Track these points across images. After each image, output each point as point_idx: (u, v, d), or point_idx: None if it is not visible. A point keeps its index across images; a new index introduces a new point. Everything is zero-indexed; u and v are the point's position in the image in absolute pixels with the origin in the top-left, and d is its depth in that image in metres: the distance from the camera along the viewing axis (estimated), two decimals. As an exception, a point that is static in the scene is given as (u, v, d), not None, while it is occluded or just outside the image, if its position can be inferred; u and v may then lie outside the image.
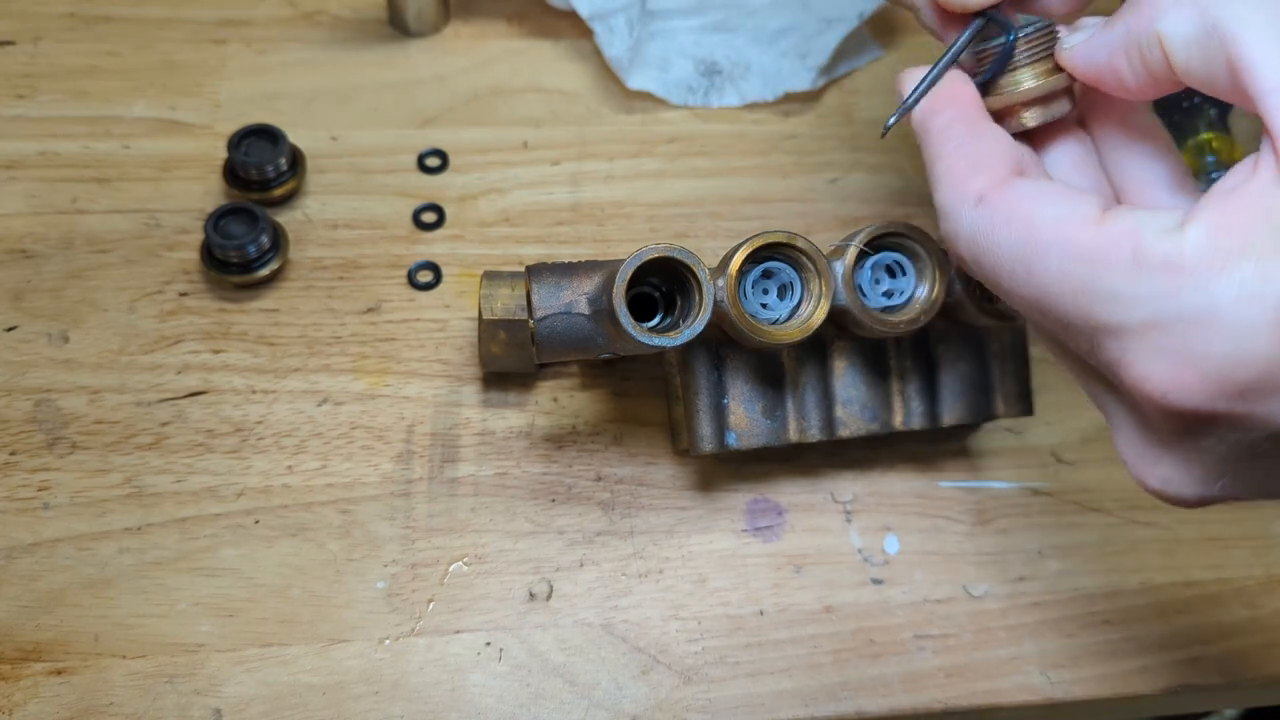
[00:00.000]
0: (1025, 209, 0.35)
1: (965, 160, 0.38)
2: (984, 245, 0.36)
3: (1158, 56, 0.36)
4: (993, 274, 0.36)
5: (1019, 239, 0.35)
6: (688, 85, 0.67)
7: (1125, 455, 0.37)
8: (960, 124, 0.40)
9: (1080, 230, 0.34)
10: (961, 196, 0.37)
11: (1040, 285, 0.35)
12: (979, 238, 0.37)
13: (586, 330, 0.48)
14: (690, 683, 0.50)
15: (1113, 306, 0.33)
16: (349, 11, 0.68)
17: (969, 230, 0.37)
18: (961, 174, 0.38)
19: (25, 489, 0.52)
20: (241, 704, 0.48)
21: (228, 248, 0.56)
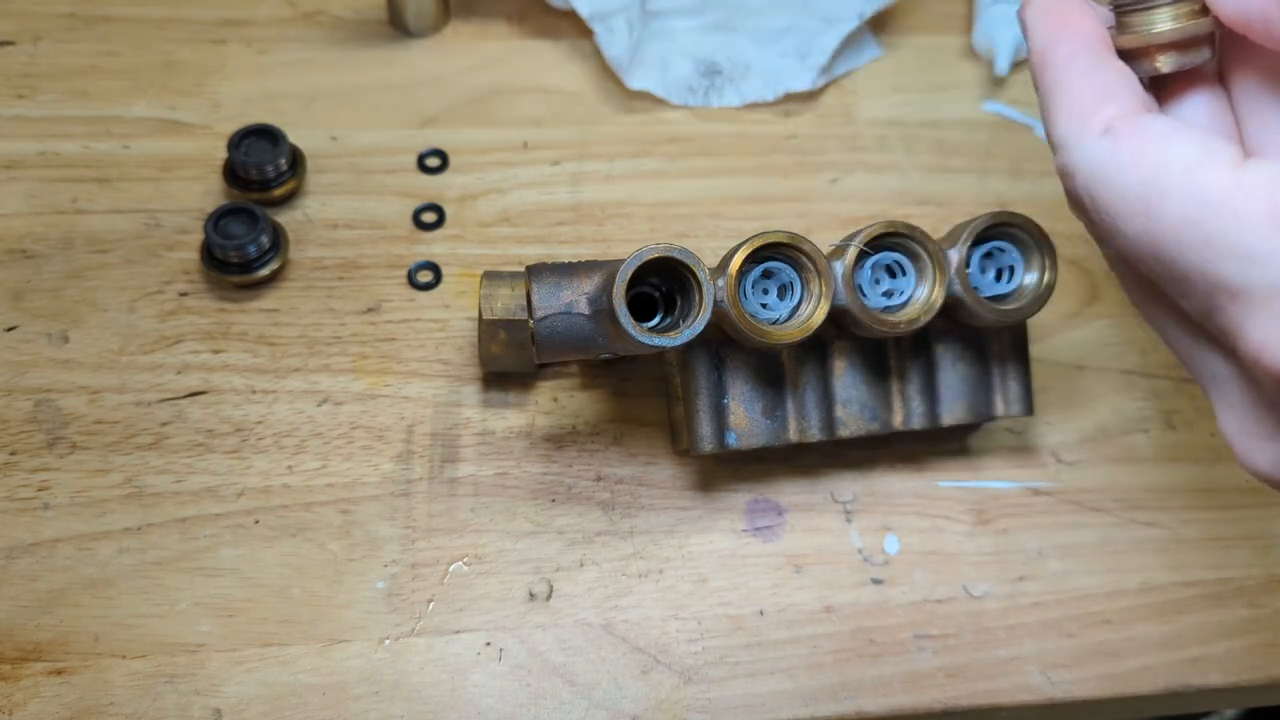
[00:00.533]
0: (1154, 145, 0.33)
1: (1091, 89, 0.35)
2: (1104, 181, 0.34)
3: None
4: (1109, 214, 0.34)
5: (1145, 177, 0.32)
6: (688, 85, 0.67)
7: (1229, 433, 0.35)
8: (1086, 54, 0.36)
9: (1213, 175, 0.31)
10: (1085, 126, 0.34)
11: (1161, 230, 0.32)
12: (1099, 173, 0.34)
13: (586, 330, 0.48)
14: (690, 683, 0.50)
15: (1240, 264, 0.30)
16: (349, 11, 0.68)
17: (1089, 163, 0.34)
18: (1088, 102, 0.35)
19: (25, 489, 0.52)
20: (241, 704, 0.48)
21: (228, 248, 0.56)
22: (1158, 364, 0.61)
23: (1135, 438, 0.58)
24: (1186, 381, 0.60)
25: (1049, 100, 0.36)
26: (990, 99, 0.69)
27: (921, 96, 0.69)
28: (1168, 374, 0.60)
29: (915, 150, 0.67)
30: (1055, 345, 0.60)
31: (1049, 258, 0.50)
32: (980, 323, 0.51)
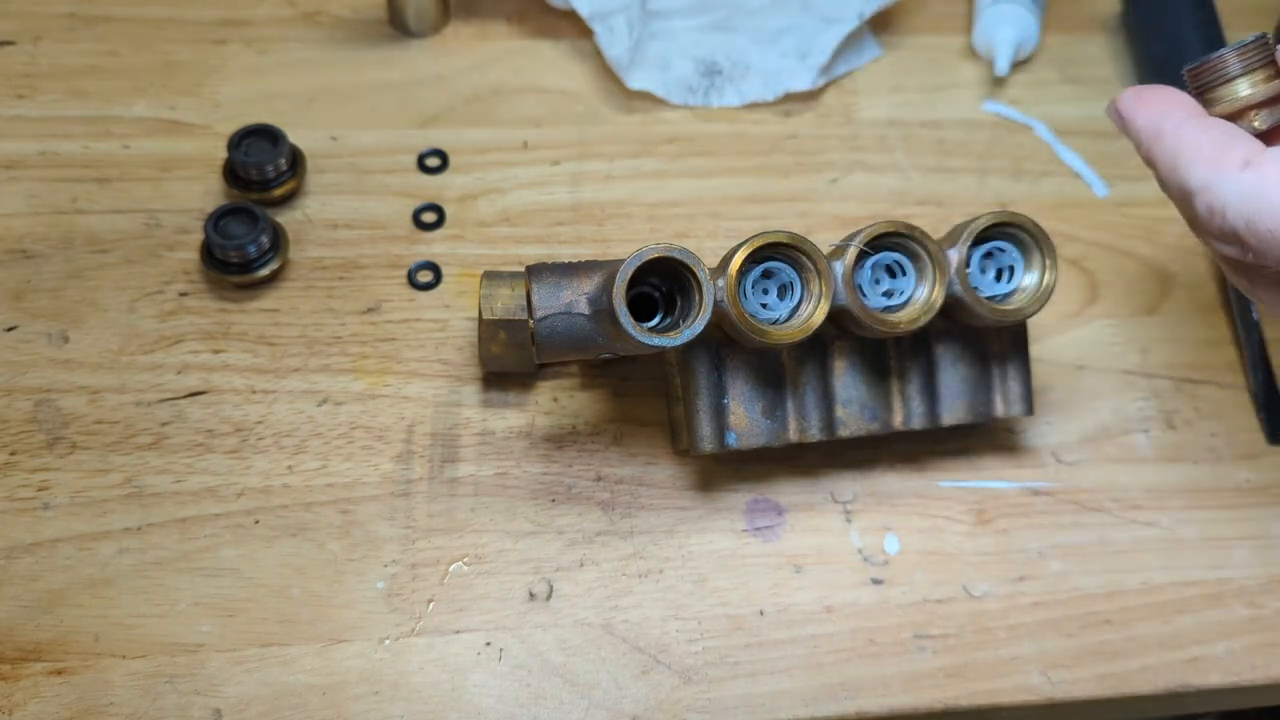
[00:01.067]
0: None
1: (1213, 139, 0.38)
2: (1258, 205, 0.36)
3: None
4: (1271, 231, 0.36)
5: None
6: (688, 85, 0.67)
7: None
8: (1194, 118, 0.39)
9: None
10: (1223, 165, 0.37)
11: None
12: (1251, 200, 0.36)
13: (586, 330, 0.48)
14: (690, 683, 0.50)
15: None
16: (349, 11, 0.68)
17: (1240, 194, 0.37)
18: (1217, 148, 0.38)
19: (25, 489, 0.52)
20: (241, 704, 0.48)
21: (228, 248, 0.56)
22: (1158, 364, 0.61)
23: (1135, 438, 0.58)
24: (1187, 381, 0.60)
25: (1177, 159, 0.39)
26: (990, 99, 0.69)
27: (921, 96, 0.69)
28: (1168, 374, 0.60)
29: (915, 150, 0.66)
30: (1055, 345, 0.60)
31: (1049, 258, 0.50)
32: (980, 323, 0.51)
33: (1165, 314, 0.62)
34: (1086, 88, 0.70)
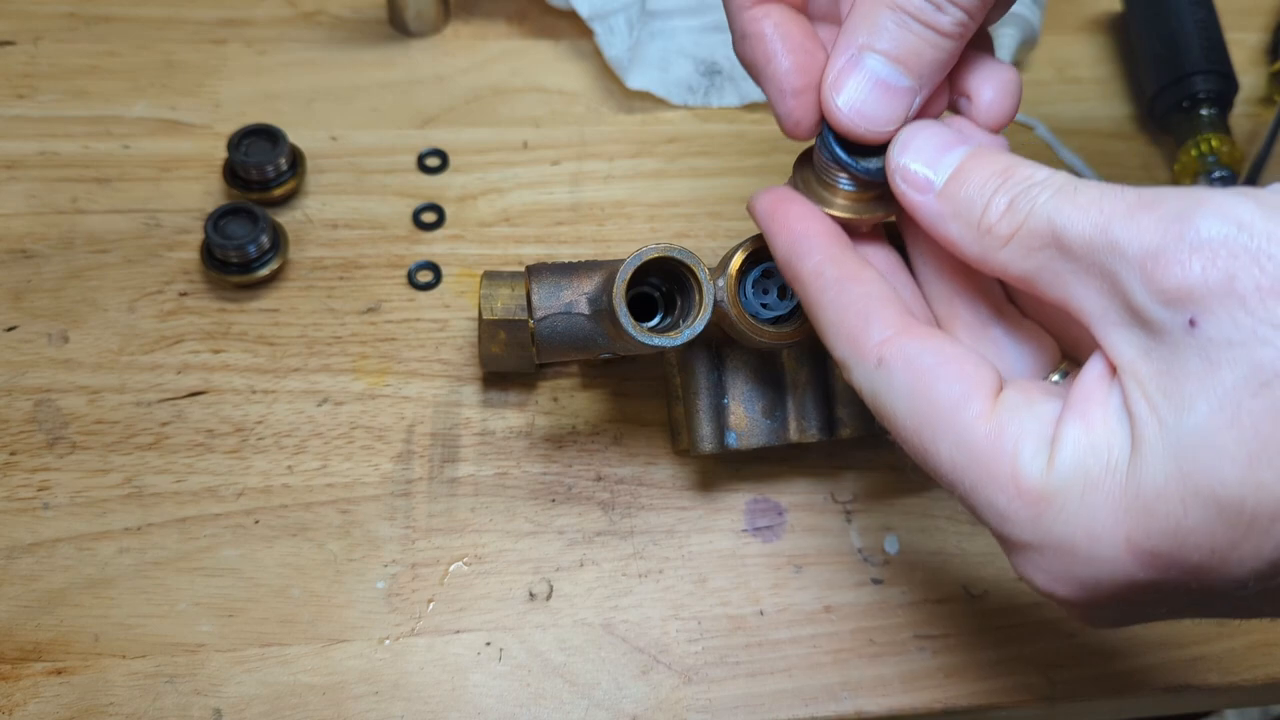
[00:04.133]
0: (924, 380, 0.35)
1: (852, 312, 0.38)
2: (885, 406, 0.36)
3: None
4: (895, 433, 0.37)
5: (918, 412, 0.35)
6: (688, 85, 0.67)
7: None
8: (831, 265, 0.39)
9: (973, 425, 0.34)
10: (860, 354, 0.37)
11: (935, 463, 0.35)
12: (880, 398, 0.37)
13: (586, 330, 0.48)
14: (690, 683, 0.50)
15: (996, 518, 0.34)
16: (349, 11, 0.68)
17: (871, 390, 0.37)
18: (853, 329, 0.37)
19: (25, 489, 0.52)
20: (241, 704, 0.48)
21: (228, 248, 0.56)
22: (1158, 364, 0.60)
23: (1135, 438, 0.58)
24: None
25: (814, 317, 0.39)
26: (990, 99, 0.69)
27: (921, 96, 0.69)
28: (1168, 374, 0.60)
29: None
30: (1055, 345, 0.60)
31: None
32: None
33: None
34: (1086, 88, 0.70)
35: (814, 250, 0.39)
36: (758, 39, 0.40)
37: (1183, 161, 0.65)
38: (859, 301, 0.38)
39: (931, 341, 0.36)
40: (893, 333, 0.37)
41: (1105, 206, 0.32)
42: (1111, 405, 0.33)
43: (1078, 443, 0.33)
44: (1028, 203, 0.34)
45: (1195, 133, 0.65)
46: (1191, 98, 0.65)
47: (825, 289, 0.38)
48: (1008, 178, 0.35)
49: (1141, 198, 0.32)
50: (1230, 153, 0.64)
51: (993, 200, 0.35)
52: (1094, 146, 0.68)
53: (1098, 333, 0.33)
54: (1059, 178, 0.34)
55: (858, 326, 0.37)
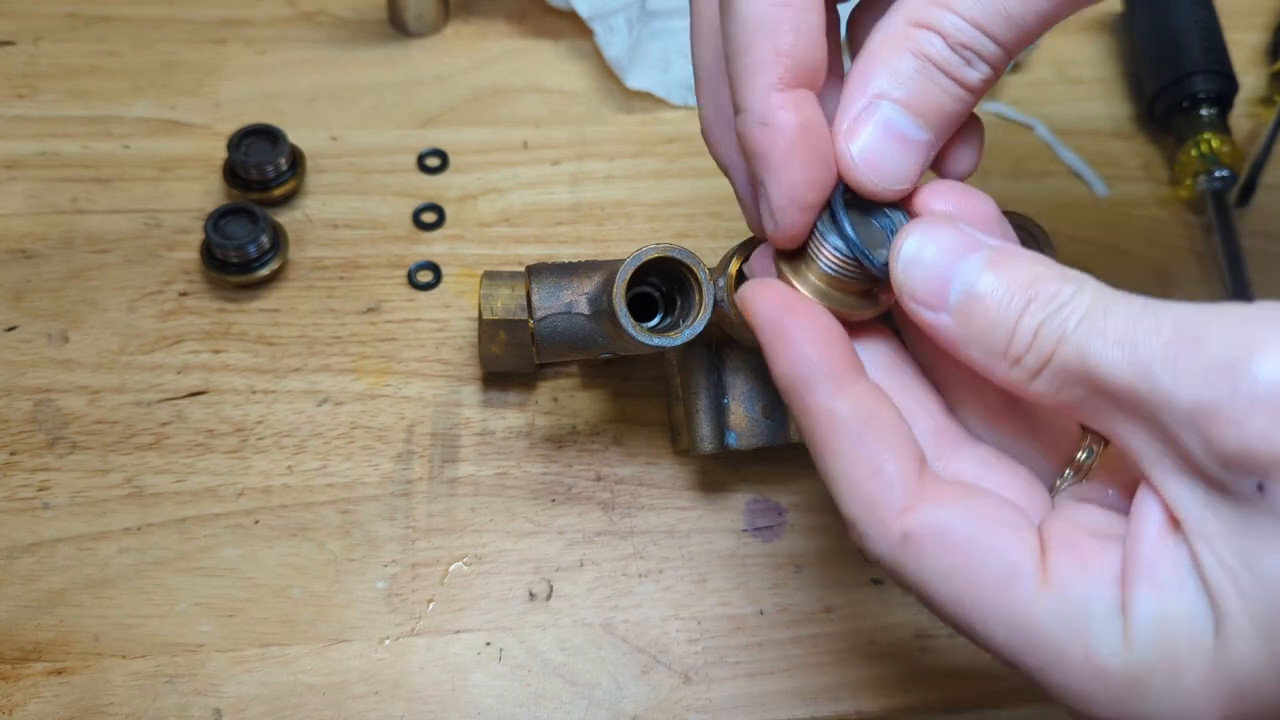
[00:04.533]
0: (962, 559, 0.32)
1: (869, 468, 0.33)
2: (917, 585, 0.33)
3: None
4: (932, 610, 0.33)
5: (959, 594, 0.32)
6: (688, 85, 0.67)
7: None
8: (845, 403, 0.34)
9: (1029, 605, 0.31)
10: (879, 525, 0.33)
11: (988, 644, 0.32)
12: (908, 577, 0.33)
13: (586, 330, 0.48)
14: (690, 683, 0.50)
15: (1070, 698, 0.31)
16: (349, 11, 0.68)
17: (894, 566, 0.33)
18: (871, 492, 0.33)
19: (25, 489, 0.52)
20: (241, 704, 0.48)
21: (228, 248, 0.56)
22: (1158, 364, 0.60)
23: (1135, 438, 0.58)
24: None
25: (823, 467, 0.34)
26: (990, 99, 0.69)
27: (921, 96, 0.69)
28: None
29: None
30: (1055, 345, 0.60)
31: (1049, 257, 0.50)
32: None
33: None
34: (1086, 88, 0.70)
35: (824, 380, 0.34)
36: (779, 132, 0.35)
37: (1182, 161, 0.65)
38: (877, 455, 0.33)
39: (961, 505, 0.32)
40: (918, 498, 0.33)
41: (1141, 342, 0.29)
42: (1182, 568, 0.30)
43: (1155, 615, 0.29)
44: (1055, 329, 0.30)
45: (1195, 133, 0.65)
46: (1191, 98, 0.65)
47: (836, 434, 0.33)
48: (1031, 299, 0.31)
49: (1181, 332, 0.28)
50: (1230, 153, 0.64)
51: (1018, 328, 0.31)
52: (1094, 146, 0.68)
53: (1152, 478, 0.30)
54: (1086, 294, 0.31)
55: (877, 490, 0.33)
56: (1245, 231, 0.64)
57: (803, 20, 0.35)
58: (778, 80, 0.35)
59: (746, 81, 0.35)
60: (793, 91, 0.35)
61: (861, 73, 0.35)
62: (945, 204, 0.36)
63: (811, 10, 0.35)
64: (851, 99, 0.35)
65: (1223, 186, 0.64)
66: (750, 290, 0.37)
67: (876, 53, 0.35)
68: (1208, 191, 0.64)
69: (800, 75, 0.35)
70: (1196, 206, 0.65)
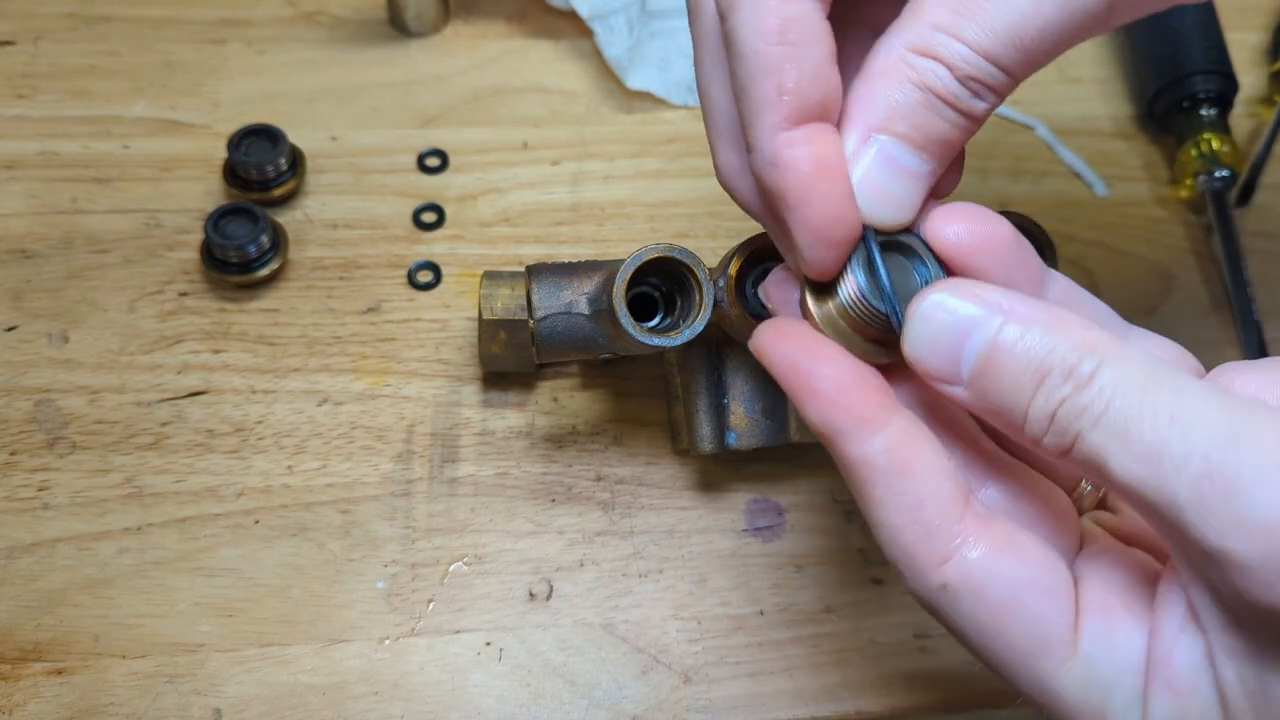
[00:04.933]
0: (996, 620, 0.32)
1: (909, 517, 0.32)
2: (952, 627, 0.33)
3: None
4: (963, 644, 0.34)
5: (990, 649, 0.33)
6: (688, 85, 0.67)
7: None
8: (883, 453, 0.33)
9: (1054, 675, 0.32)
10: (918, 572, 0.33)
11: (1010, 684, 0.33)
12: (944, 619, 0.33)
13: (586, 330, 0.48)
14: (690, 683, 0.50)
15: None
16: (349, 11, 0.68)
17: (931, 607, 0.33)
18: (911, 540, 0.33)
19: (25, 489, 0.52)
20: (241, 704, 0.48)
21: (228, 248, 0.56)
22: (1158, 364, 0.60)
23: (1135, 438, 0.58)
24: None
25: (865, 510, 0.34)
26: (990, 99, 0.69)
27: (921, 96, 0.69)
28: (1168, 374, 0.60)
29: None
30: (1055, 345, 0.60)
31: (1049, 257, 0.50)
32: None
33: (1165, 314, 0.62)
34: (1086, 88, 0.70)
35: (855, 428, 0.33)
36: (791, 172, 0.34)
37: (1182, 161, 0.65)
38: (916, 505, 0.32)
39: (999, 560, 0.32)
40: (957, 548, 0.32)
41: (1169, 471, 0.28)
42: (1199, 671, 0.30)
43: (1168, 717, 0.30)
44: (1071, 425, 0.30)
45: (1195, 133, 0.65)
46: (1191, 98, 0.65)
47: (874, 483, 0.33)
48: (1043, 380, 0.30)
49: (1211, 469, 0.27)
50: (1230, 153, 0.64)
51: (1030, 411, 0.30)
52: (1094, 146, 0.68)
53: (1179, 568, 0.30)
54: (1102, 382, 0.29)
55: (916, 538, 0.32)
56: (1245, 231, 0.64)
57: (805, 56, 0.33)
58: (783, 120, 0.34)
59: (753, 122, 0.34)
60: (803, 128, 0.34)
61: (860, 102, 0.34)
62: (957, 230, 0.35)
63: (815, 44, 0.34)
64: (849, 131, 0.34)
65: (1223, 186, 0.64)
66: (766, 336, 0.35)
67: (875, 80, 0.34)
68: (1208, 191, 0.64)
69: (808, 111, 0.34)
70: (1196, 206, 0.66)
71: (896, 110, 0.33)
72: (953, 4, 0.32)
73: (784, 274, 0.39)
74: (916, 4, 0.33)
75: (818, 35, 0.34)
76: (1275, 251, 0.64)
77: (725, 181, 0.39)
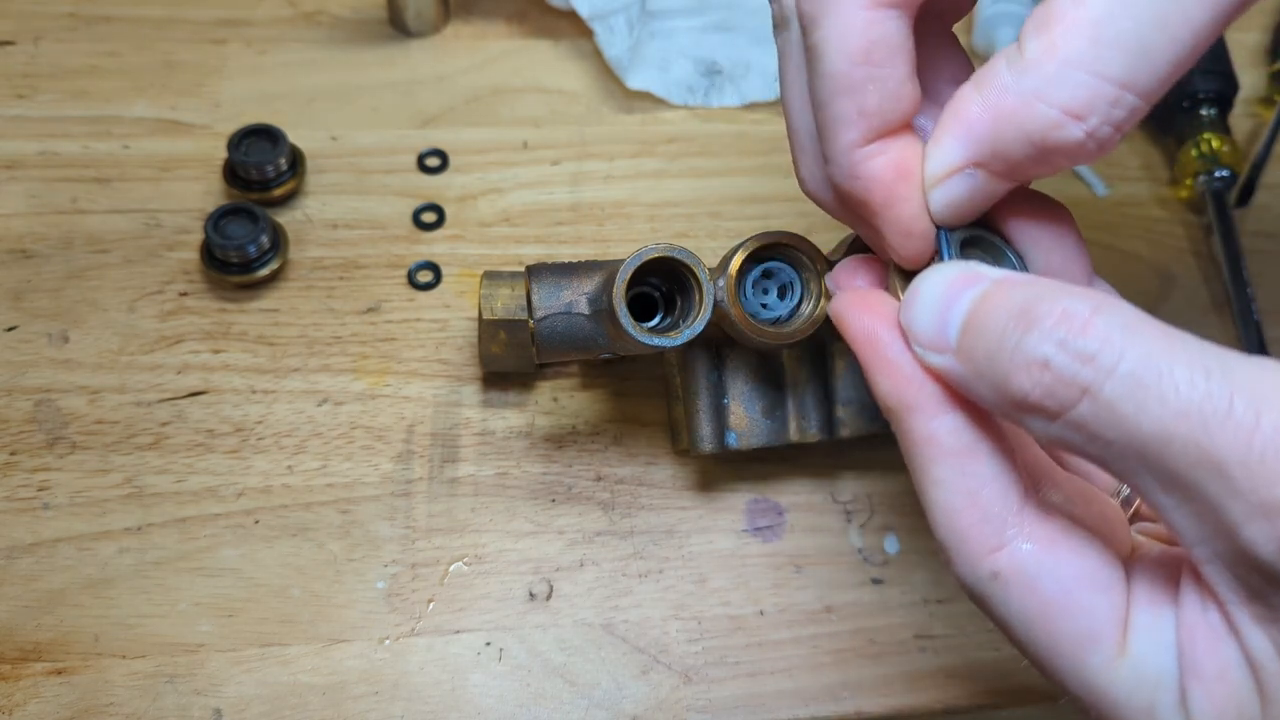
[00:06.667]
0: (1045, 612, 0.31)
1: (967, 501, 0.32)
2: (998, 619, 0.33)
3: None
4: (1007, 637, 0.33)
5: (1037, 641, 0.32)
6: (688, 85, 0.67)
7: None
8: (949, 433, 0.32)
9: (1100, 672, 0.31)
10: (969, 557, 0.32)
11: (1056, 682, 0.32)
12: (992, 610, 0.33)
13: (586, 330, 0.48)
14: (690, 683, 0.50)
15: None
16: (349, 11, 0.68)
17: (979, 596, 0.33)
18: (966, 525, 0.32)
19: (25, 489, 0.52)
20: (241, 704, 0.48)
21: (228, 248, 0.56)
22: (1158, 364, 0.60)
23: (1135, 438, 0.58)
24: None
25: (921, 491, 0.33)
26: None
27: (921, 96, 0.69)
28: (1168, 374, 0.60)
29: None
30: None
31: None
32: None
33: (1165, 314, 0.62)
34: (1086, 88, 0.70)
35: (926, 404, 0.33)
36: (874, 183, 0.35)
37: (1182, 161, 0.65)
38: (977, 489, 0.32)
39: (1054, 556, 0.32)
40: (1011, 538, 0.32)
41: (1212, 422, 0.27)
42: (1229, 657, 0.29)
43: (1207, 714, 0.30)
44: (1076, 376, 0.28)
45: (1195, 133, 0.65)
46: (1191, 98, 0.65)
47: (935, 461, 0.32)
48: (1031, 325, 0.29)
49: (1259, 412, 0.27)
50: (1230, 153, 0.64)
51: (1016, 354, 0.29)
52: (1094, 146, 0.67)
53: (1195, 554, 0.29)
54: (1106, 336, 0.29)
55: (973, 522, 0.32)
56: (1245, 231, 0.64)
57: (889, 77, 0.33)
58: (861, 139, 0.34)
59: (830, 138, 0.35)
60: (879, 141, 0.34)
61: (968, 130, 0.33)
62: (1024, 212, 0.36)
63: (899, 64, 0.33)
64: (945, 145, 0.33)
65: (1223, 186, 0.64)
66: (845, 303, 0.35)
67: (986, 120, 0.32)
68: (1208, 191, 0.64)
69: (887, 129, 0.34)
70: (1196, 206, 0.65)
71: (1004, 153, 0.33)
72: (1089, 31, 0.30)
73: (850, 261, 0.39)
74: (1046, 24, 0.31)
75: (902, 53, 0.34)
76: (1275, 251, 0.64)
77: (808, 190, 0.40)
